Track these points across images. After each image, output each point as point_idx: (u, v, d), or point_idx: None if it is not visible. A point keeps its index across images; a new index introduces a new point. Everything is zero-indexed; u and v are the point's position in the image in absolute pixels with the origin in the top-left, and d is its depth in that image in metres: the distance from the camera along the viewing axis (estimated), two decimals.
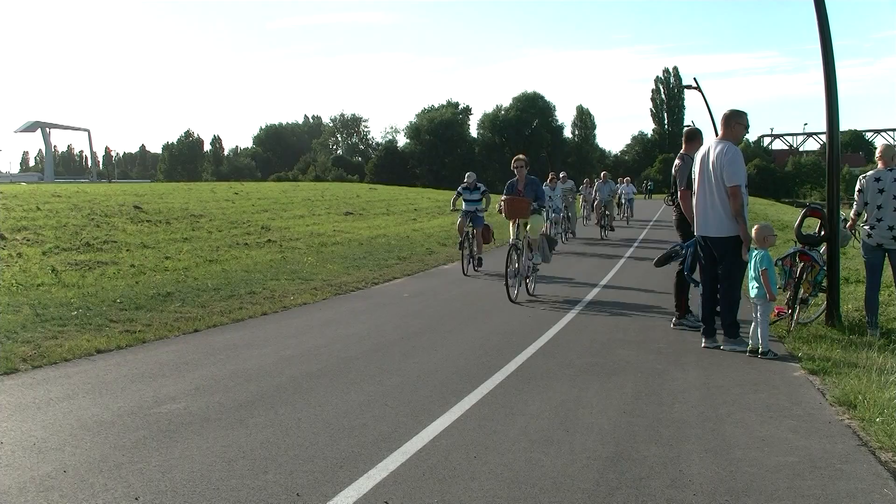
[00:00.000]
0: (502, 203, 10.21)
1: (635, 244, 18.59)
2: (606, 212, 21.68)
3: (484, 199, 13.25)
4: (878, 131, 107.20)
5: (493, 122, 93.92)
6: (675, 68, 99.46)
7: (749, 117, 6.73)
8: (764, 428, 4.47)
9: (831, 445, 4.16)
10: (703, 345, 6.76)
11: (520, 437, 4.32)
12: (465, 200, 13.30)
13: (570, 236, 19.64)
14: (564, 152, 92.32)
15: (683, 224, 7.66)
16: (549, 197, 16.68)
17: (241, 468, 3.82)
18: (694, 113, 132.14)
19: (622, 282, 11.50)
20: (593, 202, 23.72)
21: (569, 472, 3.79)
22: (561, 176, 20.39)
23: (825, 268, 7.37)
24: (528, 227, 10.15)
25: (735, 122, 6.62)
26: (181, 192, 29.60)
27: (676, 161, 7.87)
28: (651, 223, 28.12)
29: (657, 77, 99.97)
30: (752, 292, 6.46)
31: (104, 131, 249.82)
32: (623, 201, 29.24)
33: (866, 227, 7.16)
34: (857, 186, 7.32)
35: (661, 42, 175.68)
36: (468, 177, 13.34)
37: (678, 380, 5.65)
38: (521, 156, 10.62)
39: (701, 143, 7.46)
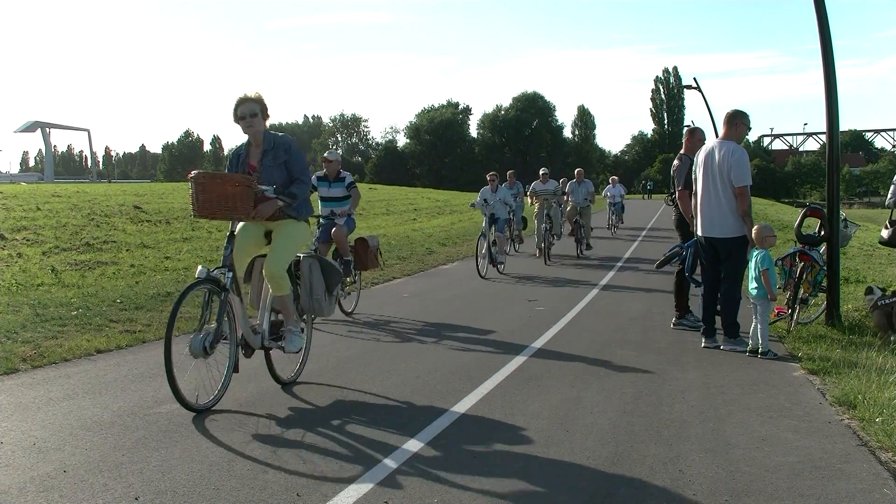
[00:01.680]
0: (192, 182, 4.93)
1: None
2: (581, 221, 16.21)
3: (352, 198, 8.73)
4: (878, 131, 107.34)
5: (493, 122, 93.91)
6: (675, 68, 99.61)
7: (750, 118, 6.75)
8: (764, 428, 4.47)
9: (831, 445, 4.16)
10: (703, 345, 6.76)
11: (520, 437, 4.32)
12: (321, 199, 8.76)
13: (550, 255, 14.70)
14: (564, 152, 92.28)
15: (683, 224, 7.66)
16: (486, 201, 13.03)
17: (241, 468, 3.82)
18: (694, 113, 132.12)
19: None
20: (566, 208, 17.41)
21: (569, 471, 3.79)
22: (541, 174, 16.09)
23: (825, 268, 7.38)
24: (272, 246, 5.18)
25: (739, 121, 6.63)
26: (181, 192, 29.56)
27: (675, 161, 7.87)
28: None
29: (657, 77, 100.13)
30: (753, 293, 6.46)
31: (104, 131, 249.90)
32: (609, 206, 23.58)
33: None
34: None
35: (661, 42, 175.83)
36: (330, 154, 8.81)
37: (678, 380, 5.65)
38: (250, 94, 5.19)
39: (702, 142, 7.47)
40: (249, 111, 5.19)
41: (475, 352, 6.62)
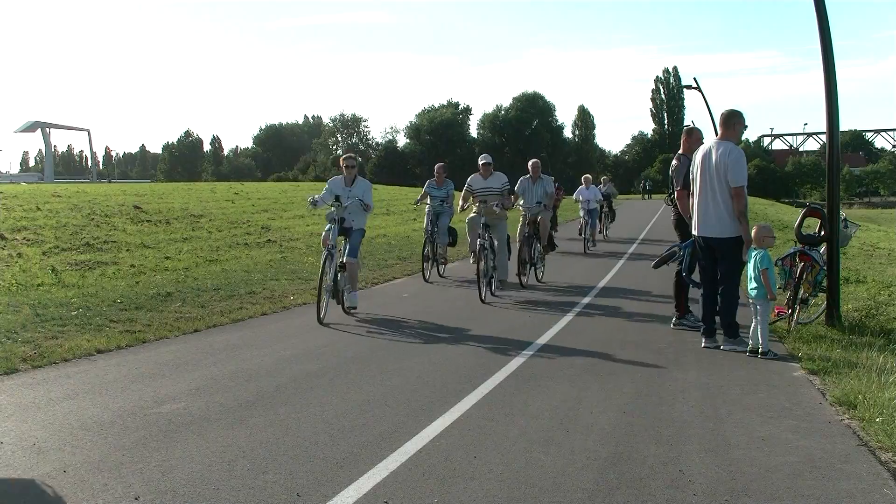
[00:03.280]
0: None
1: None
2: (532, 233, 11.15)
3: None
4: (878, 131, 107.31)
5: (493, 122, 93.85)
6: (675, 68, 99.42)
7: (744, 116, 6.76)
8: (764, 428, 4.47)
9: (831, 445, 4.17)
10: (703, 345, 6.77)
11: (520, 437, 4.32)
12: None
13: (497, 287, 10.11)
14: (564, 152, 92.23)
15: (682, 224, 7.65)
16: (337, 198, 8.28)
17: (241, 468, 3.82)
18: (694, 113, 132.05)
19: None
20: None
21: (569, 472, 3.79)
22: (481, 164, 10.80)
23: (825, 268, 7.38)
24: None
25: (736, 121, 6.65)
26: (181, 192, 29.56)
27: (673, 161, 7.87)
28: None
29: (657, 77, 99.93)
30: (752, 293, 6.46)
31: (104, 131, 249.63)
32: (582, 213, 17.95)
33: None
34: None
35: (661, 42, 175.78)
36: None
37: (678, 380, 5.65)
38: None
39: (700, 142, 7.46)
40: None
41: (475, 352, 6.62)
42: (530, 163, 11.81)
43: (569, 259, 15.14)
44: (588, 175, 19.77)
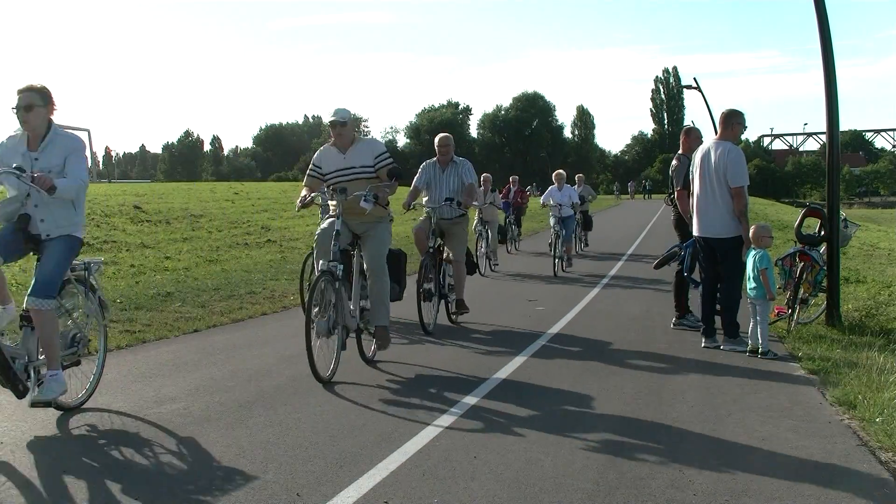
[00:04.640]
0: None
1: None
2: (447, 251, 7.94)
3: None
4: (878, 131, 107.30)
5: (493, 122, 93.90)
6: (675, 68, 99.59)
7: (744, 116, 6.76)
8: (764, 428, 4.47)
9: (831, 445, 4.16)
10: (703, 345, 6.77)
11: (520, 438, 4.32)
12: None
13: (371, 338, 6.04)
14: (564, 152, 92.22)
15: (682, 224, 7.65)
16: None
17: (241, 468, 3.82)
18: (694, 113, 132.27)
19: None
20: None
21: (569, 472, 3.79)
22: (331, 123, 6.03)
23: (825, 268, 7.38)
24: None
25: (735, 121, 6.65)
26: (181, 192, 29.56)
27: (673, 161, 7.87)
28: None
29: (657, 77, 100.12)
30: (751, 293, 6.46)
31: (104, 131, 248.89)
32: (553, 222, 13.25)
33: None
34: None
35: (661, 42, 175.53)
36: None
37: (678, 380, 5.65)
38: None
39: (699, 142, 7.46)
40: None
41: (475, 352, 6.62)
42: (438, 138, 8.04)
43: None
44: (561, 171, 14.53)
